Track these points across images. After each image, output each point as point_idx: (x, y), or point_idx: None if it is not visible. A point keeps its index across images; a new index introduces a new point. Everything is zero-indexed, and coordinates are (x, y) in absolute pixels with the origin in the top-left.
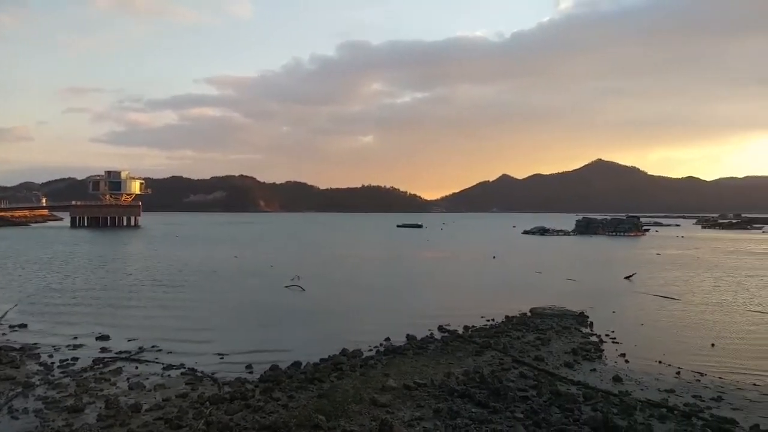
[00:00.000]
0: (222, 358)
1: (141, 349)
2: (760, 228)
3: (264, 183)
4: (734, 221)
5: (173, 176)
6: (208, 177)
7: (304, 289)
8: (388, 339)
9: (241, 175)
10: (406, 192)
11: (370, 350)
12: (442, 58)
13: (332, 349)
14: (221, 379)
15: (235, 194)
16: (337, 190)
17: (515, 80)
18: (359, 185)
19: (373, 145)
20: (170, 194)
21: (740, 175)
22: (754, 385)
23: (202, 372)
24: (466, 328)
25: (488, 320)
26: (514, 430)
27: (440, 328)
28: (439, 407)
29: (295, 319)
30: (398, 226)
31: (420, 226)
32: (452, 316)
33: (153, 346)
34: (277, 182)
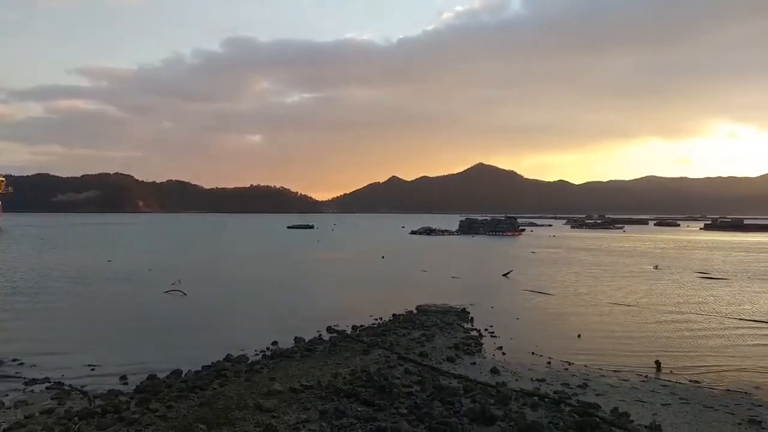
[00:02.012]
0: (93, 370)
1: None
2: (621, 228)
3: (143, 182)
4: (599, 221)
5: (39, 173)
6: (79, 175)
7: (185, 294)
8: (275, 343)
9: (117, 173)
10: (297, 192)
11: (257, 355)
12: (332, 60)
13: (216, 355)
14: (92, 392)
15: (110, 193)
16: (224, 190)
17: (403, 85)
18: (247, 185)
19: (262, 144)
20: (35, 193)
21: (604, 179)
22: (615, 371)
23: (70, 385)
24: (354, 327)
25: (376, 319)
26: (398, 425)
27: (329, 329)
28: (325, 408)
29: (175, 326)
30: (289, 227)
31: (311, 227)
32: (341, 317)
33: (14, 360)
34: (158, 181)
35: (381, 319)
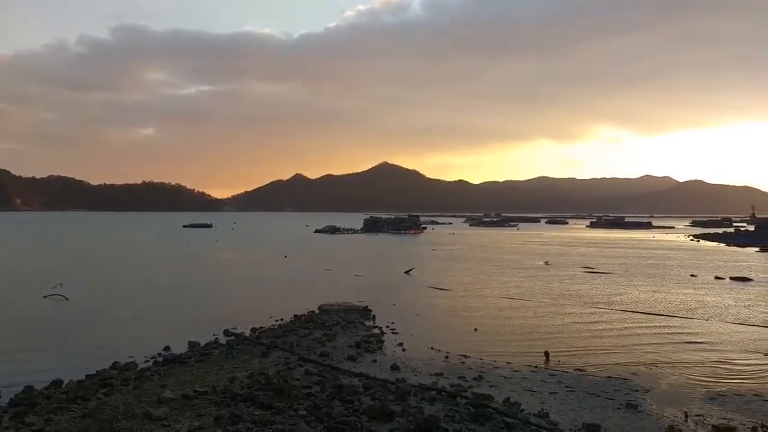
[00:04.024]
0: None
1: None
2: (515, 225)
3: (21, 177)
4: (495, 219)
5: None
6: None
7: (67, 298)
8: (167, 348)
9: None
10: (194, 189)
11: (147, 361)
12: (230, 52)
13: (101, 363)
14: None
15: None
16: (114, 186)
17: (305, 81)
18: (139, 181)
19: (155, 138)
20: None
21: (501, 180)
22: (507, 363)
23: None
24: (253, 330)
25: (277, 320)
26: (296, 427)
27: (226, 332)
28: (220, 414)
29: (56, 333)
30: (185, 226)
31: (209, 226)
32: (240, 319)
33: None
34: (38, 176)
35: (282, 320)
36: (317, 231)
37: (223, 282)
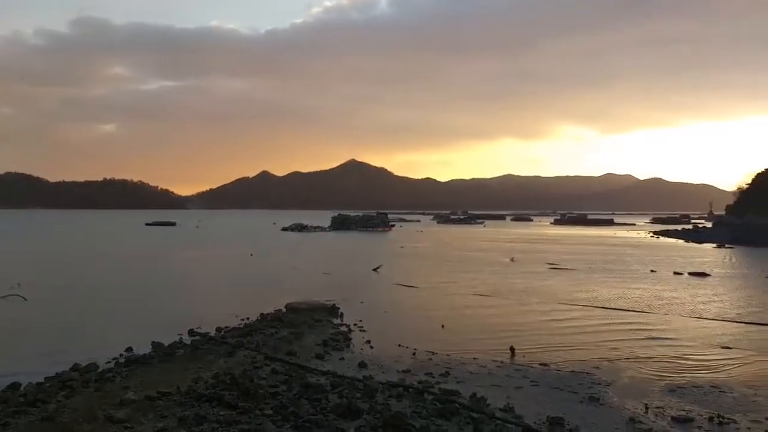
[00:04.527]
0: None
1: None
2: (481, 222)
3: None
4: (462, 217)
5: None
6: None
7: (25, 299)
8: (129, 349)
9: None
10: (157, 187)
11: (108, 363)
12: (195, 47)
13: (61, 365)
14: None
15: None
16: (74, 183)
17: (272, 77)
18: (100, 179)
19: (117, 134)
20: None
21: (467, 177)
22: (474, 359)
23: None
24: (218, 329)
25: (243, 319)
26: (262, 427)
27: (191, 332)
28: (184, 415)
29: (13, 335)
30: (147, 224)
31: (173, 224)
32: (205, 319)
33: None
34: None
35: (248, 319)
36: (284, 229)
37: (188, 281)
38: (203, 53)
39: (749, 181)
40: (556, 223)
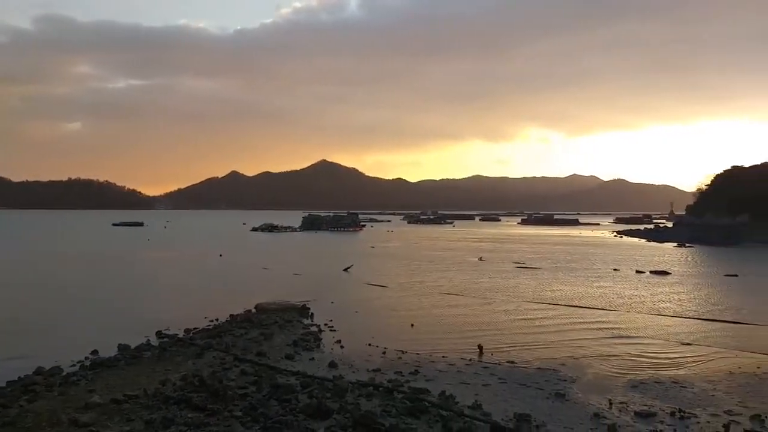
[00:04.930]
0: None
1: None
2: (450, 222)
3: None
4: (432, 217)
5: None
6: None
7: None
8: (95, 352)
9: None
10: (124, 187)
11: (73, 366)
12: (162, 46)
13: (24, 369)
14: None
15: None
16: (37, 183)
17: (242, 77)
18: (65, 178)
19: (82, 133)
20: None
21: (437, 178)
22: (443, 357)
23: None
24: (187, 330)
25: (212, 321)
26: (231, 429)
27: (158, 334)
28: (151, 418)
29: None
30: (114, 224)
31: (140, 225)
32: (173, 320)
33: None
34: None
35: (217, 320)
36: (254, 229)
37: (156, 282)
38: (171, 52)
39: (708, 183)
40: (523, 223)
